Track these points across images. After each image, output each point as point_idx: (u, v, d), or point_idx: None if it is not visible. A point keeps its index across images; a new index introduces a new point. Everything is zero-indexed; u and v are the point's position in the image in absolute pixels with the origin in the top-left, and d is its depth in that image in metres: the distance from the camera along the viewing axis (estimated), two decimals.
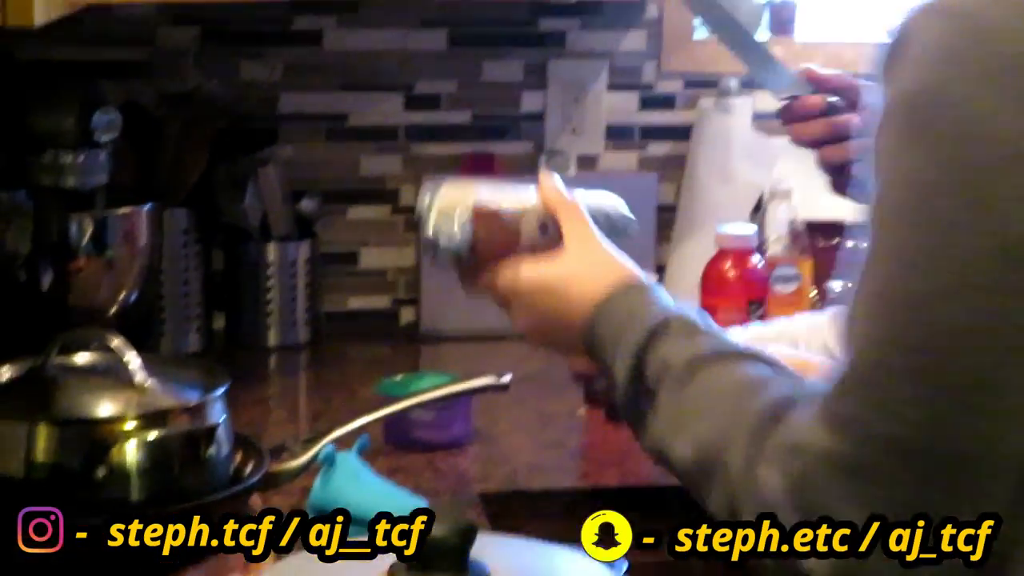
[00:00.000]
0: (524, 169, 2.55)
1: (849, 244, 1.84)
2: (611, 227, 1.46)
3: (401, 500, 1.51)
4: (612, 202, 1.53)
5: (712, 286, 2.08)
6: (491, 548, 1.14)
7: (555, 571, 1.20)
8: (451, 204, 1.38)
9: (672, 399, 1.21)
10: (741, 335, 1.66)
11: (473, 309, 2.46)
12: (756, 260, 2.11)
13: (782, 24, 2.69)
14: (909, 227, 1.01)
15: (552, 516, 1.80)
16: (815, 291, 2.42)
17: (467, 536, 1.08)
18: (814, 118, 1.80)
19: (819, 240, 2.42)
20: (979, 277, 0.97)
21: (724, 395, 1.18)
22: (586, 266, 1.37)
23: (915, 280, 0.99)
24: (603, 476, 1.94)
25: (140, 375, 1.46)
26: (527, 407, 2.14)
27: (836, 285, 2.49)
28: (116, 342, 1.49)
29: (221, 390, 1.49)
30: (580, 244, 1.39)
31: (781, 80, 1.84)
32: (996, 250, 0.97)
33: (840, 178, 1.79)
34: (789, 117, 1.83)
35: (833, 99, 1.79)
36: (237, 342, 2.44)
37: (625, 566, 1.22)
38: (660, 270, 2.53)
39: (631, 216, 1.55)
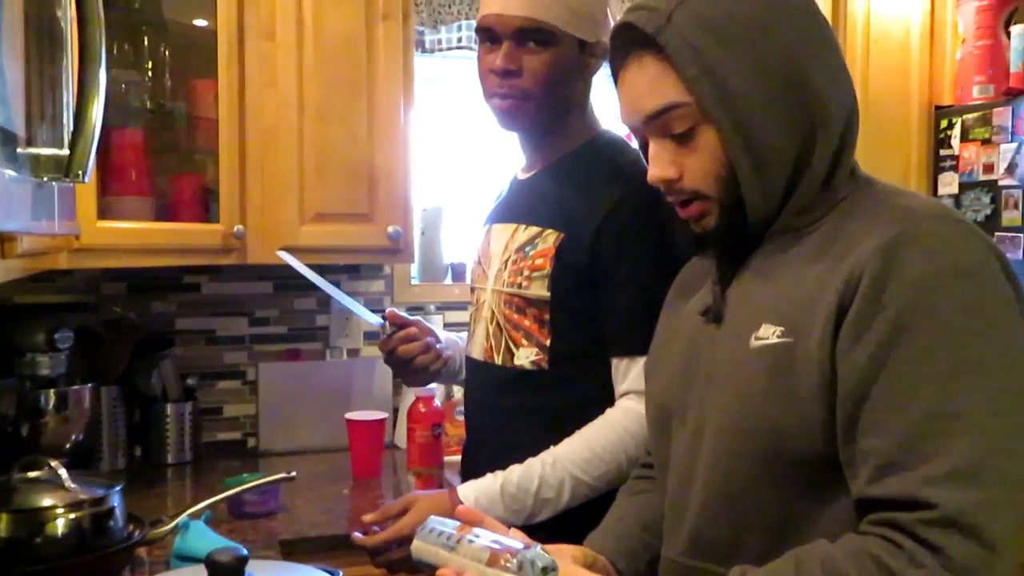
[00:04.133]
0: (317, 357, 2.56)
1: None
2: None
3: (223, 545, 1.46)
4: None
5: (413, 416, 2.05)
6: (268, 570, 1.12)
7: None
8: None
9: None
10: None
11: (289, 439, 2.46)
12: (435, 402, 2.09)
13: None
14: None
15: (321, 552, 1.77)
16: None
17: (242, 561, 1.06)
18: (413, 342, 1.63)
19: None
20: None
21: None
22: None
23: None
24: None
25: (68, 482, 1.40)
26: (313, 491, 2.10)
27: None
28: (54, 463, 1.42)
29: (117, 488, 1.43)
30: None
31: (375, 320, 1.67)
32: None
33: (410, 375, 1.66)
34: (392, 344, 1.63)
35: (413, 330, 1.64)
36: (149, 461, 2.32)
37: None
38: (396, 411, 2.54)
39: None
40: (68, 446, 1.97)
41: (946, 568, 0.81)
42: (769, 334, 0.93)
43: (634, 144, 1.40)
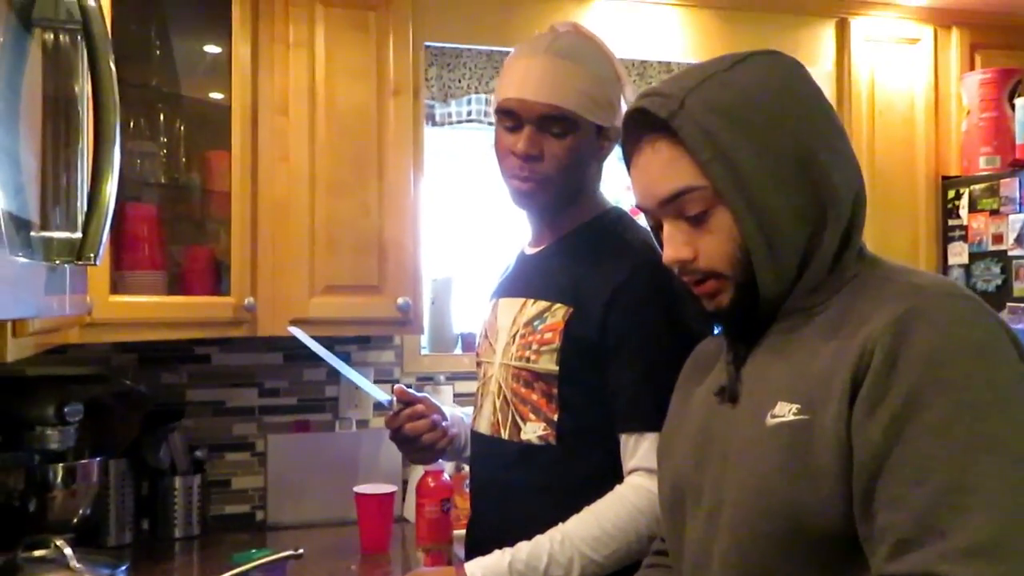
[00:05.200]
0: (327, 428, 2.54)
1: None
2: None
3: None
4: None
5: (422, 490, 2.03)
6: None
7: None
8: None
9: None
10: None
11: (297, 512, 2.43)
12: (445, 476, 2.06)
13: None
14: None
15: None
16: None
17: None
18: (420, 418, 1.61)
19: None
20: None
21: None
22: None
23: None
24: None
25: (73, 562, 1.39)
26: (321, 566, 2.06)
27: None
28: (59, 542, 1.41)
29: (122, 568, 1.42)
30: None
31: (383, 397, 1.65)
32: None
33: (416, 452, 1.64)
34: (399, 421, 1.61)
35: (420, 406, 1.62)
36: (155, 536, 2.29)
37: None
38: (405, 483, 2.52)
39: None
40: (75, 520, 1.95)
41: None
42: (785, 412, 0.93)
43: (640, 219, 1.41)
